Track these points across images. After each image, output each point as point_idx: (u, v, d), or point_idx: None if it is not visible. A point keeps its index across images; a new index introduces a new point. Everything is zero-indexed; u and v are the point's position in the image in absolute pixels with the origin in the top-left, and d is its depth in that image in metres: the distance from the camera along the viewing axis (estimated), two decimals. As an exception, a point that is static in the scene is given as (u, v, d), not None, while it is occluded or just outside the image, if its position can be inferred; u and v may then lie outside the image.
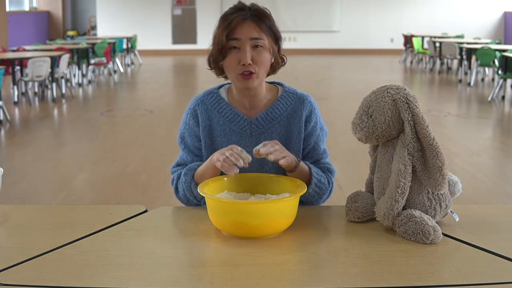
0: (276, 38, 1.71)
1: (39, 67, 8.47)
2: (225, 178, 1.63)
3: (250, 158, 1.57)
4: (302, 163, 1.71)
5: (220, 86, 1.84)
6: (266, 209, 1.44)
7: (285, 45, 1.79)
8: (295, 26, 18.11)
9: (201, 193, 1.51)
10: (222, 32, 1.64)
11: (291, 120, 1.77)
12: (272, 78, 1.83)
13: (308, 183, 1.72)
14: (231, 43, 1.64)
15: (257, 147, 1.59)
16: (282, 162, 1.59)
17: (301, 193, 1.51)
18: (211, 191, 1.57)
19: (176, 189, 1.79)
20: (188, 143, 1.81)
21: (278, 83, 1.84)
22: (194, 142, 1.80)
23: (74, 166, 5.46)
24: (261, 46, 1.65)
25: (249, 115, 1.76)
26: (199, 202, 1.74)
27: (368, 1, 18.37)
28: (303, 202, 1.73)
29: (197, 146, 1.80)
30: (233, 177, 1.62)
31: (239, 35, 1.64)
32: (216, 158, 1.59)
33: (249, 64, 1.64)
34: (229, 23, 1.63)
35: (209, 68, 1.75)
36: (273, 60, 1.72)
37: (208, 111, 1.78)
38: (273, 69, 1.75)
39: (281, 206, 1.46)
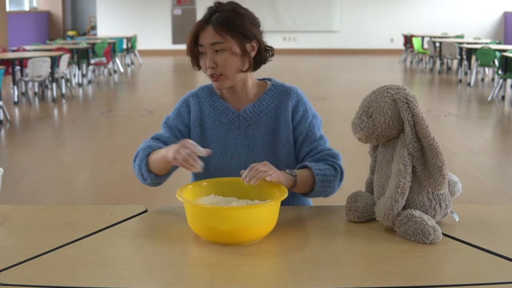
0: (246, 37, 1.71)
1: (39, 67, 8.47)
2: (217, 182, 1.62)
3: (209, 151, 1.57)
4: (300, 172, 1.68)
5: None
6: (238, 215, 1.40)
7: (285, 45, 1.81)
8: (295, 26, 18.10)
9: (178, 197, 1.47)
10: (188, 38, 1.72)
11: (278, 111, 1.79)
12: (270, 74, 1.84)
13: (313, 183, 1.71)
14: (198, 48, 1.72)
15: (243, 172, 1.55)
16: (268, 179, 1.53)
17: (281, 199, 1.45)
18: (197, 193, 1.56)
19: (134, 159, 1.80)
20: (171, 124, 1.84)
21: (268, 79, 1.87)
22: (177, 124, 1.83)
23: (74, 166, 5.46)
24: (222, 49, 1.69)
25: (237, 108, 1.80)
26: (144, 181, 1.77)
27: (368, 1, 18.36)
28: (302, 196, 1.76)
29: (179, 128, 1.82)
30: (222, 181, 1.62)
31: (202, 41, 1.70)
32: (172, 156, 1.57)
33: (213, 67, 1.70)
34: (193, 30, 1.71)
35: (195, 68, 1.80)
36: (245, 58, 1.72)
37: (201, 103, 1.83)
38: (256, 63, 1.76)
39: (254, 213, 1.41)
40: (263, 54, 1.76)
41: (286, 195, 1.48)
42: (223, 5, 1.72)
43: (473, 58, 10.84)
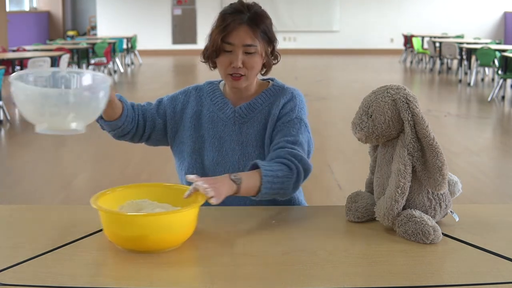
0: (270, 41, 1.74)
1: (39, 67, 8.47)
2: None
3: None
4: (247, 176, 1.54)
5: (222, 80, 1.87)
6: (137, 222, 1.35)
7: (285, 45, 1.83)
8: (295, 26, 18.09)
9: (93, 205, 1.41)
10: (218, 33, 1.68)
11: (271, 108, 1.78)
12: (270, 75, 1.85)
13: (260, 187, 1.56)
14: (225, 46, 1.68)
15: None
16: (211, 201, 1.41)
17: (192, 208, 1.38)
18: (133, 195, 1.53)
19: None
20: (163, 102, 1.87)
21: (271, 79, 1.87)
22: (167, 105, 1.85)
23: (74, 166, 5.46)
24: (253, 52, 1.69)
25: (235, 105, 1.81)
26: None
27: (368, 1, 18.36)
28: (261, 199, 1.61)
29: (166, 109, 1.85)
30: (153, 186, 1.58)
31: (233, 40, 1.67)
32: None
33: (240, 67, 1.68)
34: (225, 26, 1.67)
35: (203, 61, 1.79)
36: (264, 61, 1.75)
37: (202, 97, 1.84)
38: (265, 68, 1.78)
39: (154, 221, 1.35)
40: (270, 63, 1.78)
41: (202, 202, 1.40)
42: (249, 6, 1.70)
43: (473, 58, 10.84)
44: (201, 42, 18.70)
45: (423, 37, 14.92)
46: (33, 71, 1.36)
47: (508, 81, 9.73)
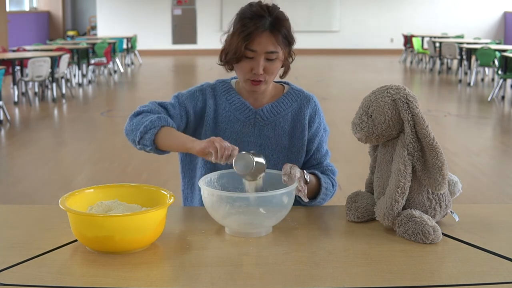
0: (289, 43, 1.72)
1: (39, 67, 8.47)
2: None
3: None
4: (311, 179, 1.70)
5: (233, 78, 1.86)
6: (99, 223, 1.35)
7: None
8: (295, 26, 17.36)
9: (61, 206, 1.40)
10: (241, 41, 1.64)
11: (296, 116, 1.79)
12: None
13: (317, 193, 1.74)
14: (247, 53, 1.66)
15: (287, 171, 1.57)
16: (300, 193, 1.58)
17: (160, 209, 1.39)
18: (100, 197, 1.52)
19: (137, 115, 1.73)
20: (181, 101, 1.78)
21: (285, 83, 1.87)
22: (187, 104, 1.77)
23: (74, 166, 5.46)
24: (275, 58, 1.68)
25: (255, 106, 1.79)
26: (138, 145, 1.68)
27: (368, 1, 18.36)
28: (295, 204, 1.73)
29: (187, 109, 1.77)
30: (123, 187, 1.57)
31: (256, 48, 1.65)
32: (202, 146, 1.51)
33: (261, 74, 1.67)
34: (248, 34, 1.63)
35: (220, 63, 1.76)
36: (283, 64, 1.74)
37: (217, 97, 1.81)
38: (284, 71, 1.78)
39: (121, 221, 1.35)
40: (289, 65, 1.78)
41: (170, 203, 1.43)
42: (270, 9, 1.67)
43: (473, 58, 10.84)
44: (201, 42, 18.80)
45: (423, 37, 14.92)
46: None
47: (508, 81, 9.73)
